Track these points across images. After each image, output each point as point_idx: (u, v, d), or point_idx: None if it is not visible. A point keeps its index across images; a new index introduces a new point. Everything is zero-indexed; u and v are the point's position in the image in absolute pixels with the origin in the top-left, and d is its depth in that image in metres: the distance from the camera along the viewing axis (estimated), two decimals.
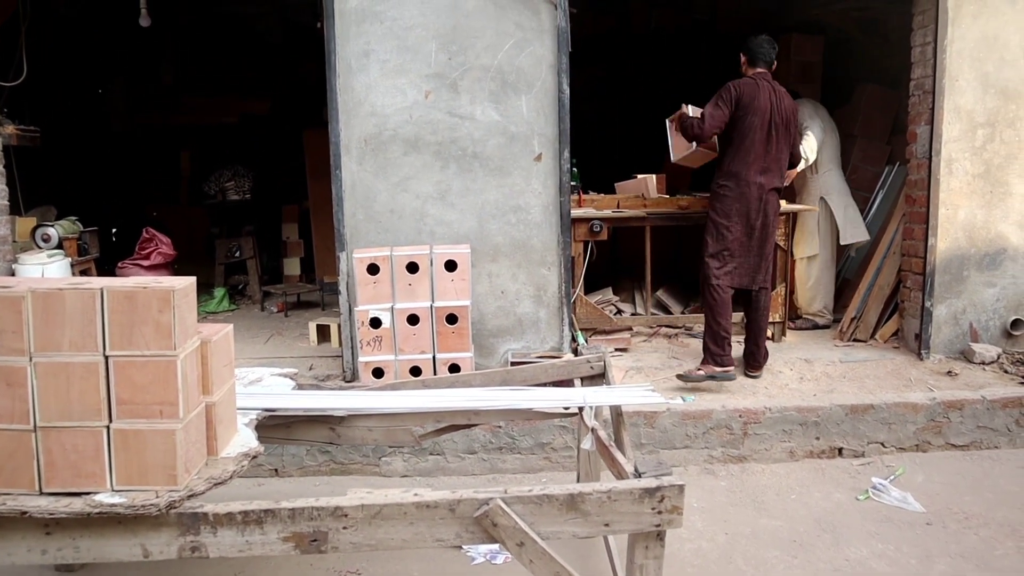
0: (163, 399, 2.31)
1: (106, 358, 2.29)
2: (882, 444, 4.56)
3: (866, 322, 5.81)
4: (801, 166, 5.86)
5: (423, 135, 4.91)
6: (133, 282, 2.36)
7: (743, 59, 5.03)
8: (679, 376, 4.84)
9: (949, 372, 5.07)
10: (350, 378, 4.92)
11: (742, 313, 5.21)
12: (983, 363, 5.18)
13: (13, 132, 5.65)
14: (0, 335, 2.27)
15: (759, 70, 4.94)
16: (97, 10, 8.30)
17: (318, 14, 5.06)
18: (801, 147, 5.74)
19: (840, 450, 4.55)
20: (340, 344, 5.43)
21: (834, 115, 7.07)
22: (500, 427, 4.41)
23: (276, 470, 4.48)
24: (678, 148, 5.39)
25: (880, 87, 6.98)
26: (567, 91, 4.92)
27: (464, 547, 3.43)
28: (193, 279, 2.47)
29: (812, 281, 6.19)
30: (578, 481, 3.62)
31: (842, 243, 6.17)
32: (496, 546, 2.48)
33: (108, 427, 2.31)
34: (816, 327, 6.18)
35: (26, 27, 5.59)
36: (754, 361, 5.08)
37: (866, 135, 6.97)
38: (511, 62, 4.88)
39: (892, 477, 4.23)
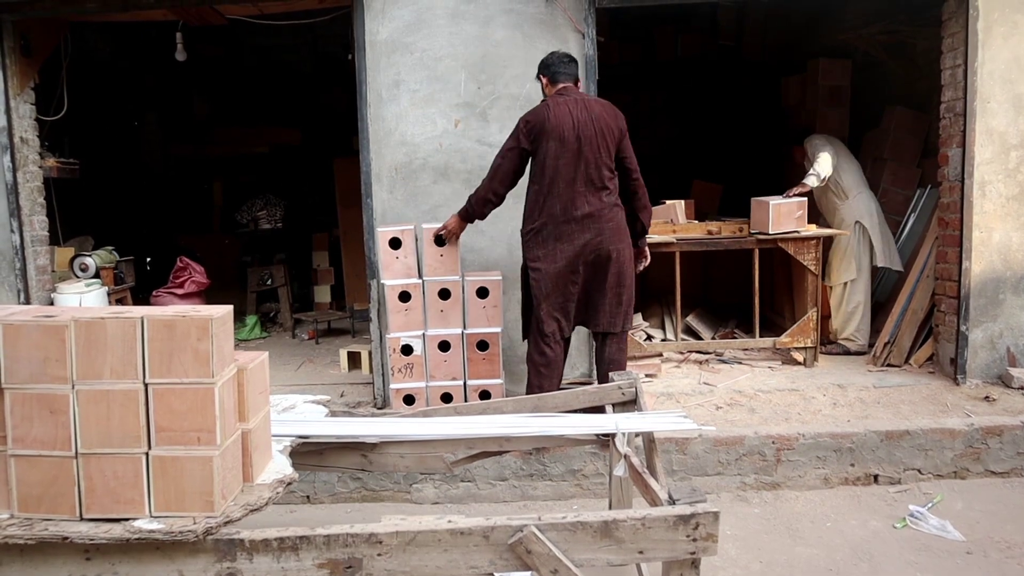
0: (201, 426, 2.34)
1: (146, 386, 2.33)
2: (919, 471, 4.49)
3: (900, 347, 5.74)
4: (814, 182, 5.98)
5: (453, 163, 4.97)
6: (172, 311, 2.40)
7: (542, 79, 4.48)
8: None
9: (987, 397, 4.99)
10: (381, 405, 4.95)
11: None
12: (1022, 388, 5.09)
13: (54, 165, 5.81)
14: (44, 363, 2.32)
15: (559, 87, 4.38)
16: (132, 46, 8.53)
17: (349, 46, 5.16)
18: (814, 167, 5.99)
19: (876, 477, 4.49)
20: (371, 371, 5.47)
21: (863, 139, 7.05)
22: (531, 454, 4.40)
23: (308, 497, 4.50)
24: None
25: (909, 110, 6.95)
26: None
27: (495, 574, 3.41)
28: (230, 308, 2.51)
29: (848, 306, 6.12)
30: (610, 508, 3.60)
31: (877, 264, 6.12)
32: (528, 574, 2.47)
33: (147, 454, 2.34)
34: (848, 353, 6.11)
35: (67, 64, 5.74)
36: None
37: (896, 158, 6.93)
38: (539, 91, 4.92)
39: (930, 505, 4.15)
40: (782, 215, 5.63)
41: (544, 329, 4.36)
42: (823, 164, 6.01)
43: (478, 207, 4.47)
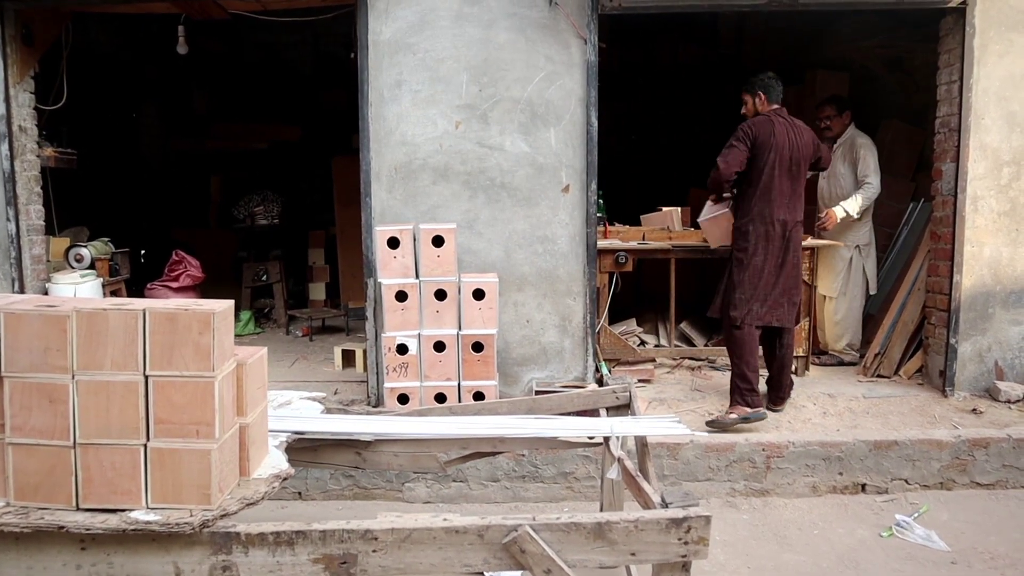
0: (200, 419, 2.35)
1: (146, 378, 2.34)
2: (906, 481, 4.53)
3: (890, 358, 5.79)
4: (840, 214, 5.80)
5: (453, 165, 4.99)
6: (174, 304, 2.42)
7: (759, 96, 4.93)
8: (709, 424, 4.73)
9: (974, 410, 5.04)
10: (375, 403, 4.97)
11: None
12: (1008, 401, 5.14)
13: (51, 154, 5.79)
14: (45, 353, 2.33)
15: (774, 107, 4.90)
16: (133, 39, 8.51)
17: (351, 45, 5.18)
18: (852, 200, 5.81)
19: (863, 486, 4.53)
20: (365, 369, 5.48)
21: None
22: (524, 455, 4.43)
23: (300, 493, 4.52)
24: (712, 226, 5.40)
25: (905, 124, 7.01)
26: (595, 124, 4.99)
27: (486, 574, 3.43)
28: (231, 302, 2.53)
29: (839, 319, 6.15)
30: (602, 510, 3.62)
31: (872, 293, 6.16)
32: (520, 573, 2.50)
33: (146, 445, 2.35)
34: (842, 363, 6.15)
35: (67, 54, 5.74)
36: (777, 396, 5.08)
37: (891, 171, 6.97)
38: (541, 95, 4.96)
39: (916, 515, 4.20)
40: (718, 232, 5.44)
41: None
42: (861, 203, 5.82)
43: (710, 187, 5.07)
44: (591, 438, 3.34)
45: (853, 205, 5.79)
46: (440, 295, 4.67)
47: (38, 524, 2.29)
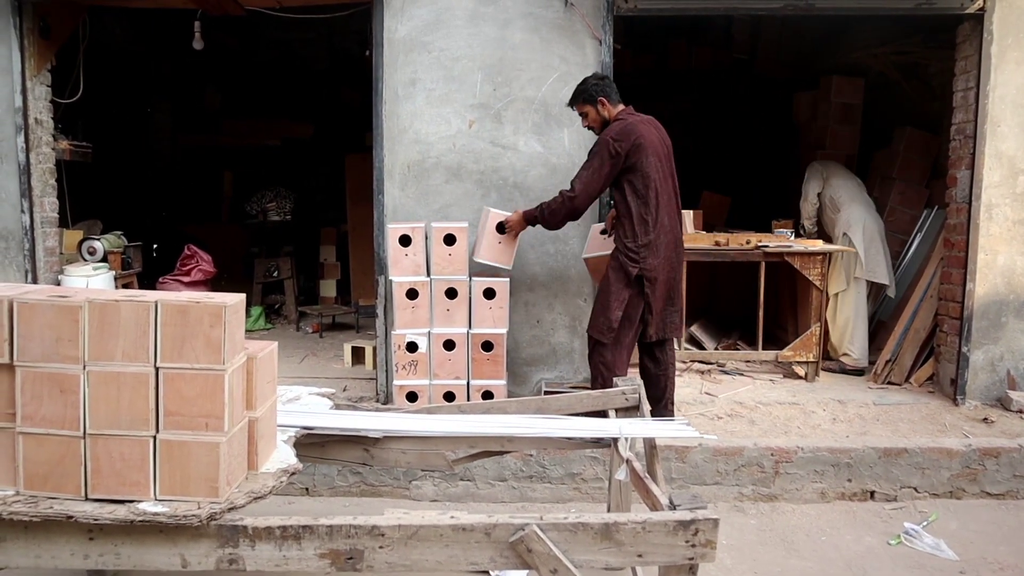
0: (209, 412, 2.36)
1: (156, 369, 2.35)
2: (915, 489, 4.50)
3: (901, 365, 5.76)
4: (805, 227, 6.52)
5: (466, 164, 4.99)
6: (186, 296, 2.42)
7: (601, 103, 4.43)
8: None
9: (985, 419, 5.00)
10: (384, 401, 4.97)
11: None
12: (1020, 411, 5.10)
13: (67, 147, 5.83)
14: (56, 343, 2.34)
15: (620, 107, 4.49)
16: (148, 33, 8.55)
17: (366, 43, 5.19)
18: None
19: (872, 493, 4.50)
20: (374, 367, 5.49)
21: (873, 157, 7.08)
22: (531, 455, 4.42)
23: (307, 489, 4.52)
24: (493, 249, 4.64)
25: (919, 131, 6.97)
26: None
27: (492, 572, 3.43)
28: (242, 296, 2.53)
29: (841, 319, 6.12)
30: (609, 512, 3.61)
31: (856, 275, 6.09)
32: (525, 572, 2.49)
33: (155, 437, 2.36)
34: (844, 370, 6.11)
35: (84, 48, 5.77)
36: (668, 410, 4.64)
37: (905, 178, 6.95)
38: (555, 95, 4.96)
39: (925, 523, 4.17)
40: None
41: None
42: (803, 211, 6.62)
43: (552, 219, 4.44)
44: (599, 439, 3.33)
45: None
46: (451, 293, 4.67)
47: (47, 513, 2.30)
